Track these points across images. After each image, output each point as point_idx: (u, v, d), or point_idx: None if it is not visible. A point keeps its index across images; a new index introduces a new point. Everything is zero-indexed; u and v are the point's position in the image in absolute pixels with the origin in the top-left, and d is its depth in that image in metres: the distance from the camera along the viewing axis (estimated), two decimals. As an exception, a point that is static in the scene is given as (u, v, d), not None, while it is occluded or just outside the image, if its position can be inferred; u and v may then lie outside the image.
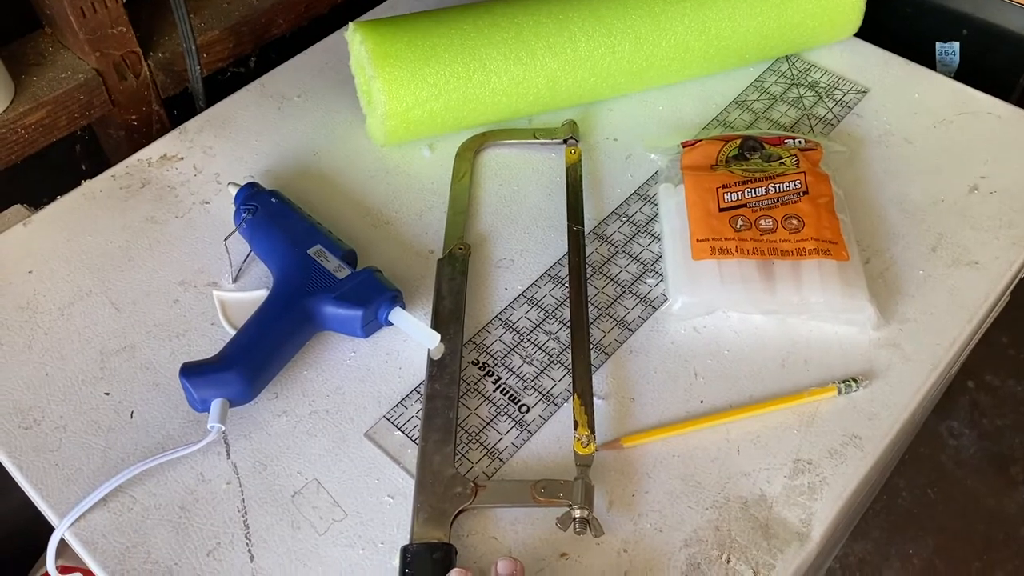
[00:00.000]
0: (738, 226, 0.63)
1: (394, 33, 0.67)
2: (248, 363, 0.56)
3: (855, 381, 0.58)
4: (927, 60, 0.82)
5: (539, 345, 0.61)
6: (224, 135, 0.75)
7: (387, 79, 0.66)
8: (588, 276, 0.64)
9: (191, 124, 0.76)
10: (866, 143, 0.72)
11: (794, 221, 0.63)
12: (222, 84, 0.87)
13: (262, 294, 0.62)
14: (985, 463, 1.56)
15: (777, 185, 0.65)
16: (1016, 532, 1.48)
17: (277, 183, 0.71)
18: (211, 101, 0.80)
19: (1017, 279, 0.66)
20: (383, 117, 0.68)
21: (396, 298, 0.60)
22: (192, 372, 0.55)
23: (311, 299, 0.59)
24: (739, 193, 0.64)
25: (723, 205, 0.64)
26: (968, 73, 0.81)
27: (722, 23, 0.72)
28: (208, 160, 0.73)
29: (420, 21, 0.69)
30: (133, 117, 0.81)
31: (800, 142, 0.68)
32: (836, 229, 0.63)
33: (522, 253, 0.66)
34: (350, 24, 0.69)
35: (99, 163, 0.84)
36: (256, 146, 0.74)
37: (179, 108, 0.84)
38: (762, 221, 0.63)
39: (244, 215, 0.65)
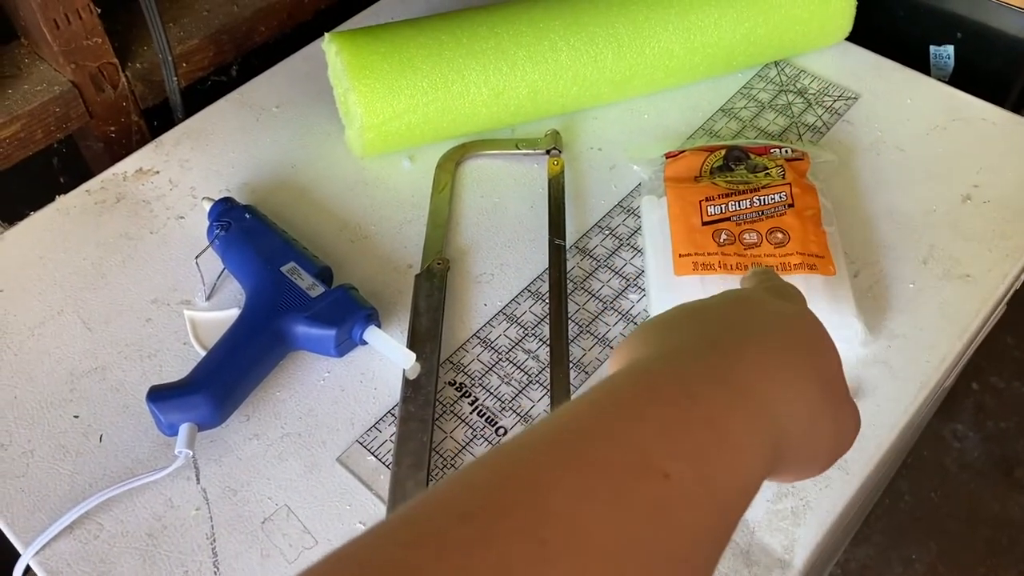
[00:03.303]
0: (721, 240, 0.61)
1: (371, 44, 0.66)
2: (217, 386, 0.55)
3: (841, 401, 0.56)
4: (921, 64, 0.80)
5: (518, 364, 0.59)
6: (201, 147, 0.73)
7: (363, 91, 0.65)
8: (569, 292, 0.63)
9: (167, 137, 0.74)
10: (856, 151, 0.71)
11: (779, 235, 0.61)
12: (203, 94, 0.85)
13: (234, 313, 0.61)
14: (989, 466, 1.54)
15: (762, 198, 0.63)
16: (1020, 537, 1.46)
17: (254, 197, 0.69)
18: (192, 111, 0.79)
19: (1011, 292, 0.65)
20: (360, 129, 0.66)
21: (371, 316, 0.59)
22: (159, 396, 0.54)
23: (283, 318, 0.58)
24: (723, 206, 0.63)
25: (706, 219, 0.62)
26: (963, 77, 0.79)
27: (708, 29, 0.70)
28: (184, 174, 0.71)
29: (398, 31, 0.67)
30: (112, 129, 0.79)
31: (787, 151, 0.66)
32: (823, 242, 0.61)
33: (502, 268, 0.65)
34: (326, 35, 0.68)
35: (78, 175, 0.83)
36: (233, 159, 0.72)
37: (159, 119, 0.83)
38: (746, 235, 0.61)
39: (217, 231, 0.63)
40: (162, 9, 0.84)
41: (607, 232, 0.67)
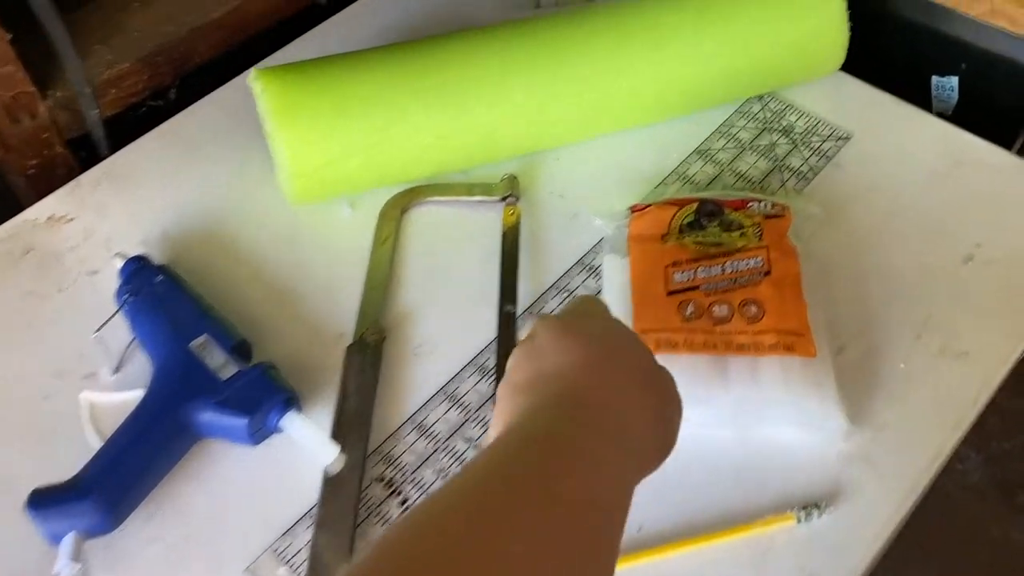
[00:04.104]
0: (688, 313, 0.54)
1: (300, 83, 0.59)
2: (109, 488, 0.49)
3: (816, 507, 0.49)
4: (922, 95, 0.73)
5: (457, 455, 0.53)
6: (121, 190, 0.67)
7: (290, 137, 0.58)
8: (518, 367, 0.56)
9: (86, 177, 0.68)
10: (846, 201, 0.63)
11: (753, 308, 0.54)
12: (138, 121, 0.78)
13: (138, 395, 0.54)
14: (991, 489, 1.47)
15: (735, 263, 0.56)
16: (1022, 563, 1.40)
17: (174, 249, 0.63)
18: (125, 141, 0.72)
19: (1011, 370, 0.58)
20: (288, 177, 0.59)
21: (290, 400, 0.52)
22: (41, 502, 0.48)
23: (189, 404, 0.51)
24: (691, 272, 0.56)
25: (672, 287, 0.55)
26: (967, 111, 0.72)
27: (681, 65, 0.63)
28: (101, 221, 0.65)
29: (332, 67, 0.60)
30: (32, 163, 0.72)
31: (766, 206, 0.59)
32: (802, 317, 0.54)
33: (446, 336, 0.58)
34: (252, 70, 0.60)
35: (5, 211, 0.76)
36: (156, 204, 0.66)
37: (89, 149, 0.76)
38: (716, 308, 0.54)
39: (125, 296, 0.57)
40: (89, 29, 0.77)
41: (565, 295, 0.60)
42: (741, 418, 0.52)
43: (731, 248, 0.57)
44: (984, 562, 1.40)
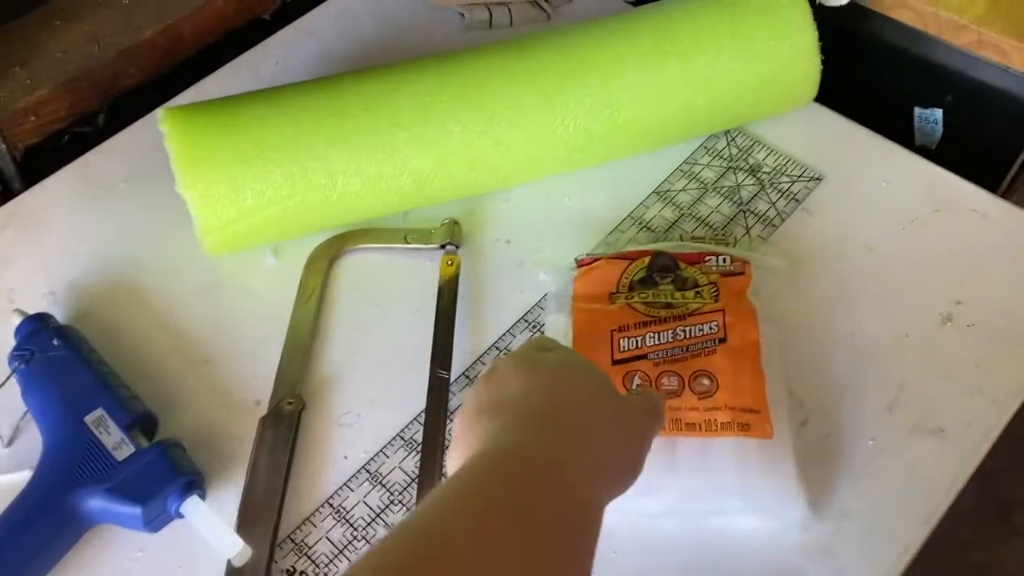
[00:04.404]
0: (634, 386, 0.49)
1: (208, 126, 0.53)
2: (-20, 590, 0.44)
3: (770, 613, 0.44)
4: (904, 128, 0.67)
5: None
6: (30, 234, 0.61)
7: (197, 190, 0.53)
8: (448, 443, 0.51)
9: (-8, 220, 0.62)
10: (815, 251, 0.58)
11: (705, 381, 0.49)
12: (62, 149, 0.73)
13: (25, 476, 0.49)
14: (983, 511, 1.42)
15: (687, 329, 0.51)
16: (1015, 589, 1.35)
17: (83, 304, 0.57)
18: (48, 171, 0.67)
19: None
20: (199, 232, 0.54)
21: (192, 485, 0.48)
22: (-99, 609, 0.43)
23: (78, 490, 0.46)
24: (639, 339, 0.51)
25: (618, 356, 0.50)
26: (952, 145, 0.67)
27: (634, 103, 0.57)
28: (4, 270, 0.59)
29: (246, 109, 0.55)
30: (-60, 198, 0.67)
31: (724, 261, 0.54)
32: (759, 391, 0.49)
33: (372, 405, 0.53)
34: (160, 111, 0.55)
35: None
36: (66, 250, 0.60)
37: (3, 183, 0.71)
38: (665, 379, 0.49)
39: (16, 363, 0.51)
40: (7, 51, 0.71)
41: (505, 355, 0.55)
42: (689, 507, 0.47)
43: (684, 311, 0.51)
44: (975, 586, 1.36)
